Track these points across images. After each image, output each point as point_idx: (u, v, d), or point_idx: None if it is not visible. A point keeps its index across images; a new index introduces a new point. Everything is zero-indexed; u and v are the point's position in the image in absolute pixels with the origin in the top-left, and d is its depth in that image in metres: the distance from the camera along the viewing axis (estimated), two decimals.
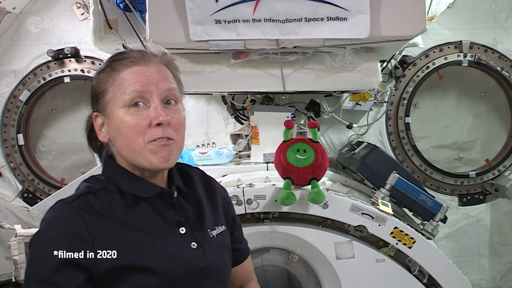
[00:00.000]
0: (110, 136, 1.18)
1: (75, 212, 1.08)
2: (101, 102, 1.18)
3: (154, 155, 1.13)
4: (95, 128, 1.22)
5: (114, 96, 1.15)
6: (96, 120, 1.20)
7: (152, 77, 1.15)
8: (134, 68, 1.16)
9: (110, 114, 1.16)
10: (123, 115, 1.13)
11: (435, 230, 2.25)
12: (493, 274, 3.69)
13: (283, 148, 2.16)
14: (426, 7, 2.16)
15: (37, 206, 3.32)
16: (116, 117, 1.14)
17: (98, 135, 1.21)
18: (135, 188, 1.17)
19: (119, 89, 1.15)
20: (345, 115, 3.55)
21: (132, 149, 1.14)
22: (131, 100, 1.13)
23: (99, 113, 1.20)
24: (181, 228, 1.19)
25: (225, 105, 3.54)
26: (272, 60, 2.40)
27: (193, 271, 1.16)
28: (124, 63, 1.17)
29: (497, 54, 3.56)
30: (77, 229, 1.06)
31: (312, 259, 2.18)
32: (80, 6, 3.53)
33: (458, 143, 3.85)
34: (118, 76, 1.16)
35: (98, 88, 1.19)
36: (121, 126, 1.13)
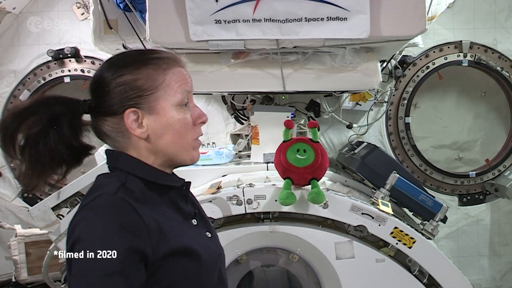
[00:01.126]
0: (154, 132, 1.18)
1: (124, 202, 1.07)
2: (148, 98, 1.17)
3: (195, 151, 1.24)
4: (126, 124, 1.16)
5: (165, 94, 1.18)
6: (129, 115, 1.16)
7: (191, 80, 1.26)
8: (178, 68, 1.23)
9: (160, 111, 1.18)
10: (177, 113, 1.19)
11: (435, 230, 2.25)
12: (493, 274, 3.69)
13: (283, 148, 2.16)
14: (426, 7, 2.16)
15: (37, 206, 3.29)
16: (169, 114, 1.18)
17: (132, 131, 1.17)
18: (165, 179, 1.22)
19: (171, 87, 1.19)
20: (345, 115, 3.55)
21: (180, 144, 1.20)
22: (183, 100, 1.20)
23: (140, 109, 1.16)
24: (193, 220, 1.25)
25: (225, 105, 3.54)
26: (272, 60, 2.40)
27: (217, 257, 1.24)
28: (168, 62, 1.22)
29: (497, 54, 3.57)
30: (132, 218, 1.05)
31: (312, 259, 2.18)
32: (80, 6, 3.53)
33: (458, 143, 3.85)
34: (166, 75, 1.20)
35: (144, 84, 1.17)
36: (176, 123, 1.19)
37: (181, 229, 1.17)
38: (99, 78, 1.20)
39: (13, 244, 3.06)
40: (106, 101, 1.17)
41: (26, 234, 3.09)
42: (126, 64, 1.19)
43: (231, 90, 2.71)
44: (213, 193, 2.19)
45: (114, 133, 1.20)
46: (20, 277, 3.05)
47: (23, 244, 3.06)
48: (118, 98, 1.16)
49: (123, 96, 1.16)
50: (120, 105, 1.16)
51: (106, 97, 1.17)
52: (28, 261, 3.05)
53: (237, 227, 2.16)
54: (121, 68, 1.18)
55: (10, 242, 3.09)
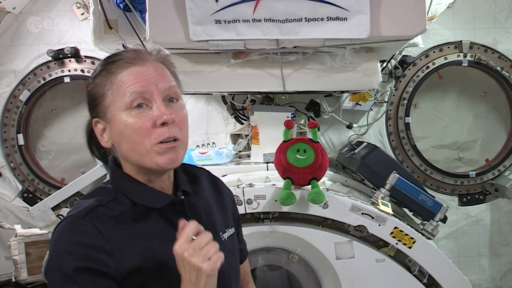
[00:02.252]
0: (113, 140, 1.15)
1: (90, 224, 1.06)
2: (100, 107, 1.14)
3: (161, 156, 1.10)
4: (96, 134, 1.18)
5: (114, 100, 1.11)
6: (96, 126, 1.16)
7: (150, 77, 1.12)
8: (131, 69, 1.12)
9: (111, 119, 1.12)
10: (126, 118, 1.09)
11: (435, 230, 2.25)
12: (493, 274, 3.69)
13: (283, 148, 2.16)
14: (426, 7, 2.16)
15: (37, 206, 3.32)
16: (118, 121, 1.10)
17: (100, 141, 1.17)
18: (146, 199, 1.14)
19: (118, 92, 1.11)
20: (345, 115, 3.55)
21: (138, 152, 1.11)
22: (132, 102, 1.09)
23: (99, 118, 1.16)
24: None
25: (225, 105, 3.54)
26: (272, 60, 2.40)
27: None
28: (119, 64, 1.13)
29: (497, 54, 3.56)
30: (95, 240, 1.04)
31: (312, 259, 2.18)
32: (80, 6, 3.53)
33: (458, 143, 3.85)
34: (115, 79, 1.12)
35: (95, 93, 1.15)
36: (125, 129, 1.09)
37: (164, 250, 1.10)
38: None
39: (13, 244, 3.06)
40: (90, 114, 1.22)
41: (26, 234, 3.09)
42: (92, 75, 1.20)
43: (231, 90, 2.71)
44: None
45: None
46: (20, 277, 3.05)
47: (23, 244, 3.06)
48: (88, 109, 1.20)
49: (88, 107, 1.20)
50: (90, 116, 1.20)
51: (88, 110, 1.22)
52: (28, 261, 3.05)
53: None
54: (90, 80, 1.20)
55: (10, 242, 3.09)
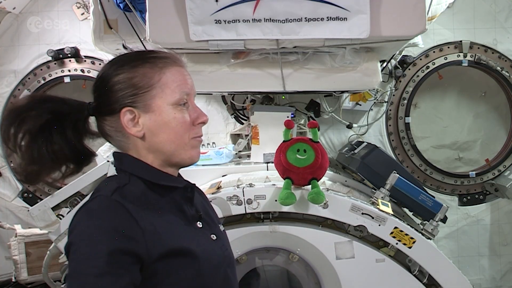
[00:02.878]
0: (149, 130, 1.19)
1: (118, 204, 1.08)
2: (142, 97, 1.18)
3: (194, 149, 1.23)
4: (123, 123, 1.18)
5: (162, 93, 1.19)
6: (125, 115, 1.18)
7: (191, 80, 1.26)
8: (177, 68, 1.23)
9: (156, 110, 1.18)
10: (174, 111, 1.19)
11: (435, 230, 2.25)
12: (493, 274, 3.69)
13: (283, 148, 2.16)
14: (426, 7, 2.16)
15: (37, 206, 3.29)
16: (165, 113, 1.18)
17: (128, 130, 1.18)
18: (167, 180, 1.21)
19: (168, 87, 1.19)
20: (345, 115, 3.55)
21: (177, 143, 1.20)
22: (180, 99, 1.20)
23: (135, 108, 1.18)
24: (198, 222, 1.25)
25: (225, 105, 3.54)
26: (272, 60, 2.40)
27: (222, 260, 1.23)
28: (167, 62, 1.22)
29: (497, 54, 3.57)
30: (125, 221, 1.06)
31: (312, 259, 2.18)
32: (80, 6, 3.53)
33: (458, 143, 3.85)
34: (164, 74, 1.20)
35: (139, 83, 1.18)
36: (172, 121, 1.19)
37: (179, 231, 1.16)
38: (99, 78, 1.23)
39: (13, 244, 3.06)
40: (105, 100, 1.19)
41: (26, 234, 3.09)
42: (124, 64, 1.21)
43: (231, 90, 2.71)
44: (213, 193, 2.19)
45: (114, 132, 1.21)
46: (20, 277, 3.05)
47: (23, 244, 3.06)
48: (115, 97, 1.18)
49: (119, 94, 1.18)
50: (117, 104, 1.18)
51: (105, 96, 1.19)
52: (28, 261, 3.05)
53: (237, 227, 2.15)
54: (119, 68, 1.20)
55: (10, 242, 3.09)
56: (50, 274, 2.60)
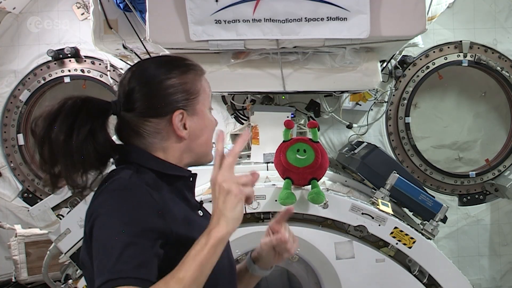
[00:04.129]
0: (193, 132, 1.25)
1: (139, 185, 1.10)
2: (193, 101, 1.25)
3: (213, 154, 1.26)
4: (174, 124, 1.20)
5: (203, 98, 1.28)
6: (177, 117, 1.21)
7: None
8: (204, 76, 1.33)
9: (200, 113, 1.26)
10: (210, 115, 1.30)
11: (435, 230, 2.25)
12: (493, 274, 3.69)
13: (283, 148, 2.16)
14: (426, 7, 2.16)
15: (37, 206, 3.30)
16: (207, 117, 1.28)
17: (177, 131, 1.21)
18: (172, 169, 1.24)
19: (205, 93, 1.29)
20: (345, 115, 3.55)
21: (209, 144, 1.30)
22: (210, 105, 1.32)
23: (186, 111, 1.23)
24: (199, 211, 1.30)
25: (225, 105, 3.54)
26: (272, 60, 2.40)
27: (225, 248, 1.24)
28: (202, 70, 1.32)
29: (497, 54, 3.57)
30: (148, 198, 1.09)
31: (312, 259, 2.18)
32: (80, 6, 3.53)
33: (458, 143, 3.85)
34: (201, 81, 1.30)
35: (191, 88, 1.26)
36: (210, 125, 1.29)
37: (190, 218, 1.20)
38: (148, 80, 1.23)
39: (13, 244, 3.06)
40: (156, 102, 1.21)
41: (26, 234, 3.09)
42: (172, 68, 1.25)
43: (231, 90, 2.71)
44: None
45: (152, 133, 1.22)
46: (20, 277, 3.05)
47: (23, 244, 3.06)
48: (168, 100, 1.21)
49: (173, 98, 1.21)
50: (170, 107, 1.21)
51: (157, 99, 1.21)
52: (28, 261, 3.05)
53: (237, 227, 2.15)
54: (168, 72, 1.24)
55: (10, 242, 3.09)
56: (50, 274, 2.61)
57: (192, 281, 0.99)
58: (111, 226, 1.04)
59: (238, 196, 1.08)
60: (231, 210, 1.08)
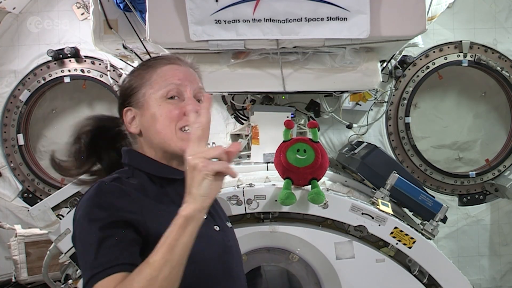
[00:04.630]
0: (143, 126, 1.28)
1: (118, 187, 1.15)
2: (136, 96, 1.29)
3: (184, 142, 1.21)
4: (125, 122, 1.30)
5: (150, 89, 1.26)
6: (126, 114, 1.30)
7: (187, 74, 1.30)
8: (170, 65, 1.30)
9: (145, 105, 1.26)
10: (160, 103, 1.24)
11: (435, 230, 2.25)
12: (493, 274, 3.69)
13: (283, 148, 2.15)
14: (426, 7, 2.16)
15: (37, 206, 3.30)
16: (152, 107, 1.25)
17: (128, 128, 1.30)
18: (166, 172, 1.26)
19: (157, 82, 1.26)
20: (345, 115, 3.55)
21: (164, 134, 1.23)
22: (168, 92, 1.25)
23: (132, 107, 1.29)
24: None
25: (225, 105, 3.54)
26: (272, 60, 2.40)
27: (222, 250, 1.25)
28: (161, 62, 1.31)
29: (497, 54, 3.57)
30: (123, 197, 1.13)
31: (312, 259, 2.18)
32: (80, 6, 3.53)
33: (458, 143, 3.85)
34: (154, 72, 1.28)
35: (132, 84, 1.30)
36: (157, 113, 1.24)
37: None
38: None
39: (13, 244, 3.06)
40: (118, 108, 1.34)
41: (26, 234, 3.09)
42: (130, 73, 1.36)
43: (231, 90, 2.71)
44: None
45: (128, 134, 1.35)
46: (20, 277, 3.05)
47: (23, 244, 3.06)
48: (120, 102, 1.33)
49: (122, 99, 1.33)
50: (122, 107, 1.32)
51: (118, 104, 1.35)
52: (28, 261, 3.05)
53: (237, 227, 2.15)
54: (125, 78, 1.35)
55: (10, 242, 3.09)
56: (50, 274, 2.60)
57: (163, 262, 0.97)
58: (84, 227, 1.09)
59: (203, 172, 1.02)
60: (197, 187, 1.02)
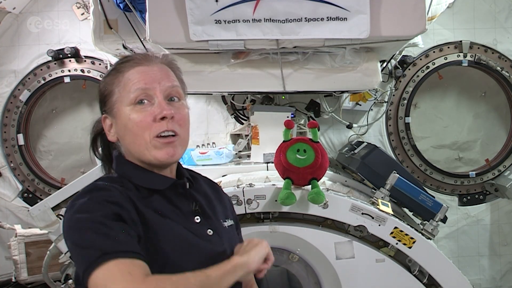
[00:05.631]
0: (118, 134, 1.24)
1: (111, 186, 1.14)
2: (108, 103, 1.24)
3: (158, 150, 1.18)
4: (104, 130, 1.27)
5: (120, 96, 1.20)
6: (105, 122, 1.26)
7: (154, 75, 1.21)
8: (137, 68, 1.22)
9: (117, 114, 1.21)
10: (129, 112, 1.18)
11: (435, 230, 2.25)
12: (493, 274, 3.69)
13: (283, 148, 2.15)
14: (426, 7, 2.16)
15: (37, 206, 3.30)
16: (123, 115, 1.19)
17: (107, 136, 1.26)
18: (149, 182, 1.22)
19: (124, 89, 1.20)
20: (345, 115, 3.55)
21: (138, 144, 1.18)
22: (136, 98, 1.18)
23: (108, 114, 1.25)
24: (196, 217, 1.25)
25: (225, 105, 3.54)
26: (272, 60, 2.40)
27: (213, 255, 1.20)
28: (128, 64, 1.23)
29: (497, 54, 3.57)
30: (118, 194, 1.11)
31: (312, 259, 2.18)
32: (80, 6, 3.53)
33: (458, 143, 3.85)
34: (123, 77, 1.21)
35: (105, 91, 1.24)
36: (128, 123, 1.18)
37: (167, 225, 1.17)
38: None
39: (13, 244, 3.06)
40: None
41: (26, 234, 3.09)
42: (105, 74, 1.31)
43: (231, 90, 2.71)
44: None
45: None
46: (20, 277, 3.05)
47: (23, 244, 3.06)
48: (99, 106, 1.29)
49: (99, 103, 1.28)
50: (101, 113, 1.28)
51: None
52: (28, 261, 3.05)
53: None
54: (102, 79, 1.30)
55: (10, 242, 3.09)
56: (50, 274, 2.60)
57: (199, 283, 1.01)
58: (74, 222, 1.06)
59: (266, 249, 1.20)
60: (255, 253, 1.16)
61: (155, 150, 1.18)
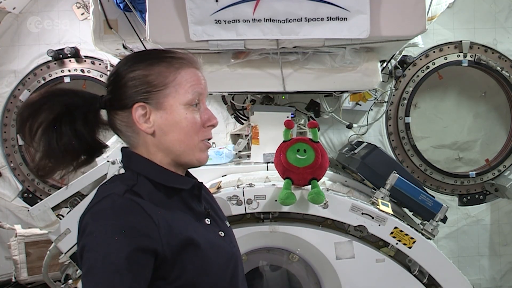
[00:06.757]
0: (160, 128, 1.20)
1: (132, 202, 1.08)
2: (158, 94, 1.19)
3: (203, 153, 1.25)
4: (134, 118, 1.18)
5: (175, 92, 1.20)
6: (137, 110, 1.19)
7: (204, 83, 1.29)
8: (192, 69, 1.25)
9: (168, 109, 1.19)
10: (185, 111, 1.20)
11: (435, 230, 2.25)
12: (493, 274, 3.69)
13: (283, 148, 2.15)
14: (426, 7, 2.16)
15: (37, 206, 3.29)
16: (177, 112, 1.20)
17: (138, 125, 1.19)
18: (174, 181, 1.22)
19: (181, 87, 1.21)
20: (345, 115, 3.55)
21: (186, 143, 1.21)
22: (193, 100, 1.22)
23: (148, 104, 1.19)
24: (207, 219, 1.27)
25: (225, 105, 3.54)
26: (272, 60, 2.40)
27: (230, 257, 1.24)
28: (182, 62, 1.23)
29: (497, 54, 3.57)
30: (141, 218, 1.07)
31: (312, 259, 2.18)
32: (80, 6, 3.53)
33: (458, 143, 3.85)
34: (178, 74, 1.21)
35: (154, 81, 1.19)
36: (183, 121, 1.20)
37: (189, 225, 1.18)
38: (114, 73, 1.23)
39: (13, 244, 3.06)
40: (118, 95, 1.20)
41: (26, 234, 3.09)
42: (140, 60, 1.22)
43: (231, 90, 2.71)
44: (213, 193, 2.19)
45: (124, 127, 1.22)
46: (20, 277, 3.05)
47: (23, 244, 3.06)
48: (129, 92, 1.19)
49: (133, 90, 1.19)
50: (130, 99, 1.19)
51: (119, 91, 1.20)
52: (28, 261, 3.05)
53: (237, 227, 2.15)
54: (135, 64, 1.21)
55: (10, 242, 3.09)
56: (50, 274, 2.60)
57: None
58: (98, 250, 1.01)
59: None
60: None
61: (200, 152, 1.23)
